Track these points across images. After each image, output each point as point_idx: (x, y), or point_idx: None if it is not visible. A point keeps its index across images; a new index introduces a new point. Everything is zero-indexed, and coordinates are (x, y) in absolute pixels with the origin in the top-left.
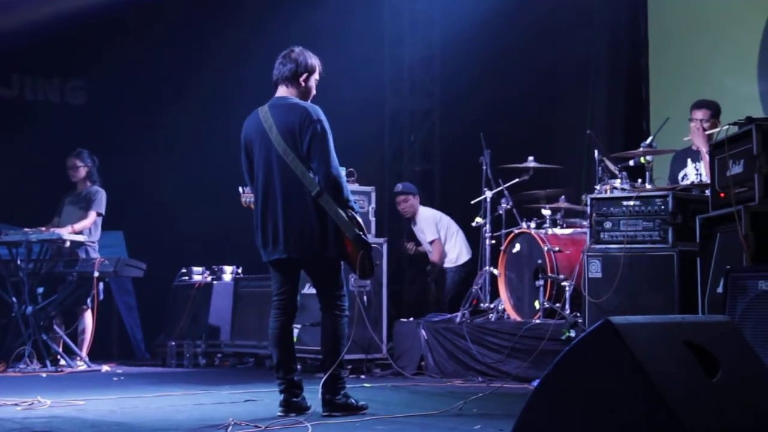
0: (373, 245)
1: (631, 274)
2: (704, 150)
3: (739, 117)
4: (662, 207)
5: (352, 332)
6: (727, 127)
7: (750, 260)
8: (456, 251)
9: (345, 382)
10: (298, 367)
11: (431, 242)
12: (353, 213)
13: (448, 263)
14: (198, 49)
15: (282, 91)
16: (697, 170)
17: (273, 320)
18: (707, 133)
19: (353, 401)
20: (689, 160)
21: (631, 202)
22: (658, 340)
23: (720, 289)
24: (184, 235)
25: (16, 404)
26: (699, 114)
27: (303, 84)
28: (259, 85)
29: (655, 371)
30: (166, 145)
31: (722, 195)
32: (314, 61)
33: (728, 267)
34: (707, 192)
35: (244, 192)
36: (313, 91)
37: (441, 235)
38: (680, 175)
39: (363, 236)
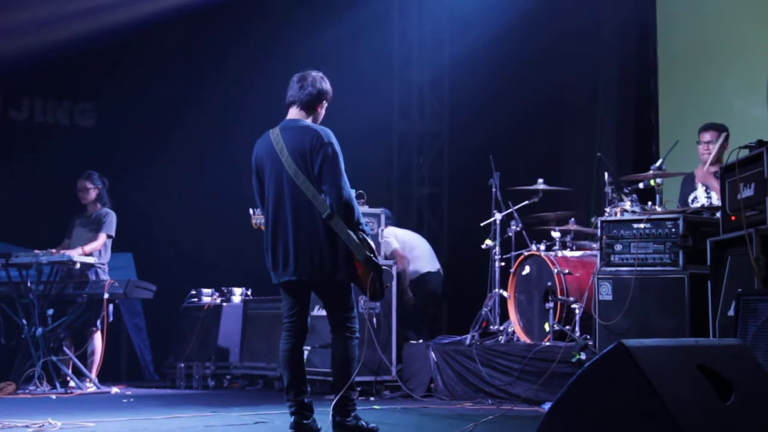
0: (383, 267)
1: (641, 297)
2: (710, 170)
3: (750, 140)
4: (673, 230)
5: (362, 354)
6: (738, 149)
7: (761, 283)
8: (413, 266)
9: (355, 404)
10: (309, 389)
11: (391, 255)
12: (364, 235)
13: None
14: (207, 72)
15: (294, 114)
16: (707, 193)
17: (283, 342)
18: (713, 154)
19: (363, 423)
20: (699, 183)
21: (642, 225)
22: (672, 363)
23: (731, 312)
24: (193, 256)
25: (26, 426)
26: (706, 136)
27: (318, 110)
28: (268, 108)
29: (668, 394)
30: (175, 166)
31: (733, 218)
32: (329, 87)
33: (740, 290)
34: (718, 215)
35: (254, 213)
36: (322, 116)
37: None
38: (690, 197)
39: (374, 258)
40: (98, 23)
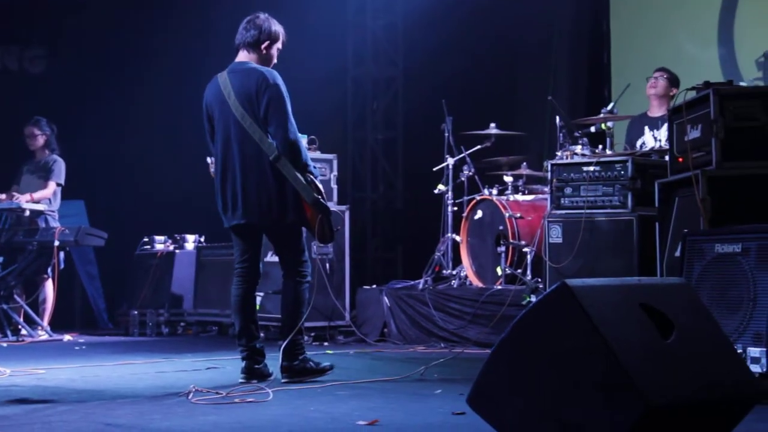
0: (334, 211)
1: (591, 239)
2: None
3: (700, 82)
4: (622, 172)
5: (312, 298)
6: (685, 91)
7: (707, 224)
8: None
9: (304, 348)
10: (261, 334)
11: None
12: (312, 177)
13: None
14: (160, 16)
15: (242, 56)
16: (655, 138)
17: (235, 287)
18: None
19: (312, 364)
20: (646, 128)
21: (591, 168)
22: (614, 302)
23: (678, 253)
24: (145, 203)
25: None
26: (659, 73)
27: (264, 51)
28: (221, 53)
29: (610, 333)
30: (126, 113)
31: (680, 160)
32: (278, 29)
33: (686, 231)
34: (666, 157)
35: (212, 162)
36: (275, 60)
37: None
38: (638, 142)
39: (322, 200)
40: None
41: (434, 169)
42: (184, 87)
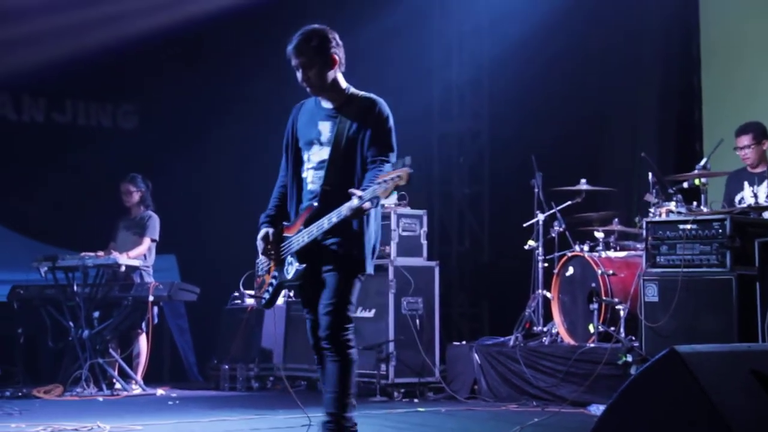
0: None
1: (688, 299)
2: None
3: None
4: (720, 230)
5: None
6: None
7: None
8: None
9: None
10: None
11: None
12: None
13: None
14: (249, 74)
15: None
16: (754, 193)
17: None
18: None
19: None
20: (746, 183)
21: (688, 226)
22: (724, 369)
23: None
24: (236, 258)
25: (76, 429)
26: (744, 140)
27: None
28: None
29: (721, 401)
30: (217, 168)
31: None
32: None
33: None
34: (765, 215)
35: None
36: None
37: None
38: (737, 198)
39: None
40: (138, 26)
41: (524, 225)
42: (275, 141)
